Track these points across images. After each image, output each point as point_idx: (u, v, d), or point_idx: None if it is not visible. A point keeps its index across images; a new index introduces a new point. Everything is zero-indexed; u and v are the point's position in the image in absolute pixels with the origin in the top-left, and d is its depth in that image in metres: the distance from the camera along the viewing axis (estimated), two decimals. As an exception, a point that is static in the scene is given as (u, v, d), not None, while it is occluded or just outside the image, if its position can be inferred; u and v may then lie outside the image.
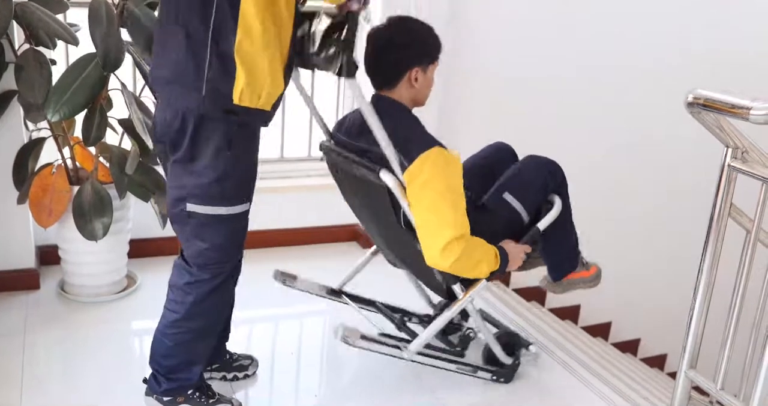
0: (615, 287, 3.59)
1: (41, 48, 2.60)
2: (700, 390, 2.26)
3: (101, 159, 2.78)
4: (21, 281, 2.91)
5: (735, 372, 2.07)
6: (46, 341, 2.61)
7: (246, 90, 1.84)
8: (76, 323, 2.74)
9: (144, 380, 2.20)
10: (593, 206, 2.62)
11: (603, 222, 2.69)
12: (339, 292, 2.72)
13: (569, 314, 4.14)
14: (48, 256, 3.04)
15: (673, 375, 2.35)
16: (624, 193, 4.13)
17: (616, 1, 3.90)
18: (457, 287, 2.28)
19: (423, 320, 2.74)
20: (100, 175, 2.76)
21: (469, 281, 2.29)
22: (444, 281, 2.28)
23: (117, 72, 2.58)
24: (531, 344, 2.70)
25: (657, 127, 4.05)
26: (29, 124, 2.79)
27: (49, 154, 2.82)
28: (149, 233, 3.08)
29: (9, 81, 2.59)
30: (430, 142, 2.14)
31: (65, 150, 2.78)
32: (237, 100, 1.84)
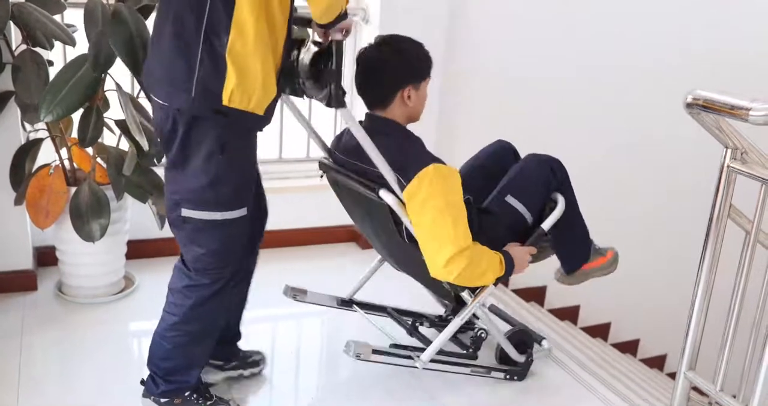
0: (614, 288, 3.59)
1: (38, 49, 2.59)
2: (699, 391, 2.25)
3: (99, 160, 2.78)
4: (18, 282, 2.90)
5: (734, 373, 2.07)
6: (43, 342, 2.61)
7: (236, 91, 1.81)
8: (73, 325, 2.73)
9: (141, 381, 2.19)
10: (593, 205, 2.62)
11: (603, 222, 2.68)
12: (350, 301, 2.72)
13: (568, 314, 4.14)
14: (45, 257, 3.04)
15: (673, 376, 2.34)
16: (624, 193, 4.13)
17: (616, 1, 3.89)
18: (466, 294, 2.28)
19: (435, 322, 2.73)
20: (97, 177, 2.75)
21: (477, 287, 2.29)
22: (452, 289, 2.28)
23: (114, 73, 2.57)
24: (543, 338, 2.70)
25: (657, 127, 4.05)
26: (26, 125, 2.78)
27: (47, 155, 2.81)
28: (147, 234, 3.08)
29: (6, 82, 2.58)
30: (426, 160, 2.13)
31: (63, 151, 2.78)
32: (227, 101, 1.81)
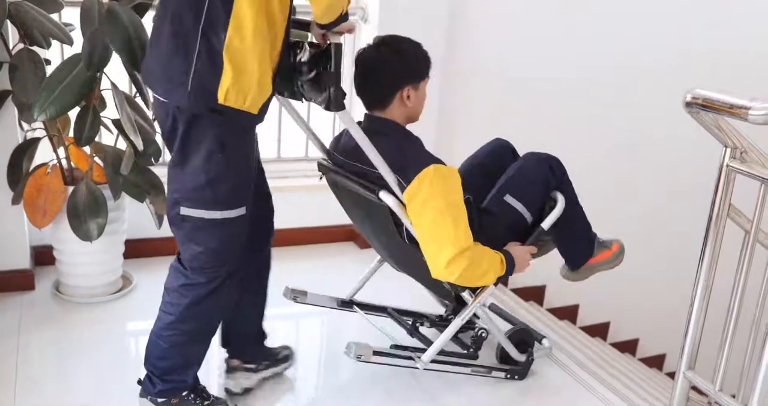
0: (614, 287, 3.58)
1: (36, 47, 2.59)
2: (699, 390, 2.25)
3: (96, 159, 2.77)
4: (15, 282, 2.89)
5: (734, 373, 2.06)
6: (40, 342, 2.60)
7: (232, 90, 1.80)
8: (70, 324, 2.73)
9: (138, 381, 2.18)
10: (593, 205, 2.62)
11: (603, 222, 2.68)
12: (350, 302, 2.71)
13: (568, 314, 4.14)
14: (43, 256, 3.03)
15: (672, 375, 2.34)
16: (624, 193, 4.12)
17: (616, 1, 3.89)
18: (466, 294, 2.27)
19: (435, 322, 2.73)
20: (95, 176, 2.74)
21: (477, 287, 2.28)
22: (452, 289, 2.27)
23: (109, 72, 2.56)
24: (544, 337, 2.70)
25: (657, 127, 4.04)
26: (24, 124, 2.78)
27: (44, 154, 2.80)
28: (145, 234, 3.07)
29: (3, 81, 2.57)
30: (425, 160, 2.12)
31: (60, 150, 2.77)
32: (222, 99, 1.80)
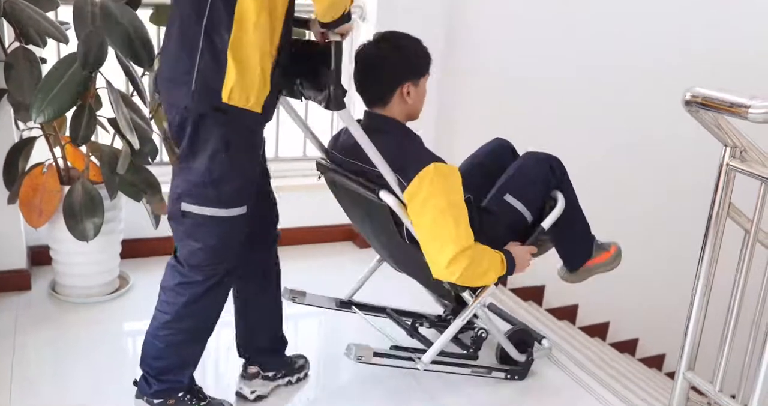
0: (613, 287, 3.57)
1: (31, 46, 2.58)
2: (698, 390, 2.23)
3: (92, 158, 2.75)
4: (12, 282, 2.88)
5: (733, 373, 2.05)
6: (36, 342, 2.59)
7: (236, 89, 1.81)
8: (67, 324, 2.71)
9: (134, 382, 2.17)
10: (593, 205, 2.61)
11: (603, 222, 2.67)
12: (349, 303, 2.70)
13: (567, 314, 4.13)
14: (39, 256, 3.02)
15: (672, 375, 2.33)
16: (624, 193, 4.11)
17: (616, 1, 3.88)
18: (467, 294, 2.26)
19: (434, 322, 2.72)
20: (91, 175, 2.73)
21: (478, 287, 2.27)
22: (452, 289, 2.26)
23: (105, 70, 2.55)
24: (543, 337, 2.69)
25: (657, 127, 4.04)
26: (20, 123, 2.77)
27: (40, 153, 2.79)
28: (142, 233, 3.06)
29: (-1, 79, 2.57)
30: (426, 159, 2.11)
31: (56, 149, 2.76)
32: (226, 98, 1.81)
